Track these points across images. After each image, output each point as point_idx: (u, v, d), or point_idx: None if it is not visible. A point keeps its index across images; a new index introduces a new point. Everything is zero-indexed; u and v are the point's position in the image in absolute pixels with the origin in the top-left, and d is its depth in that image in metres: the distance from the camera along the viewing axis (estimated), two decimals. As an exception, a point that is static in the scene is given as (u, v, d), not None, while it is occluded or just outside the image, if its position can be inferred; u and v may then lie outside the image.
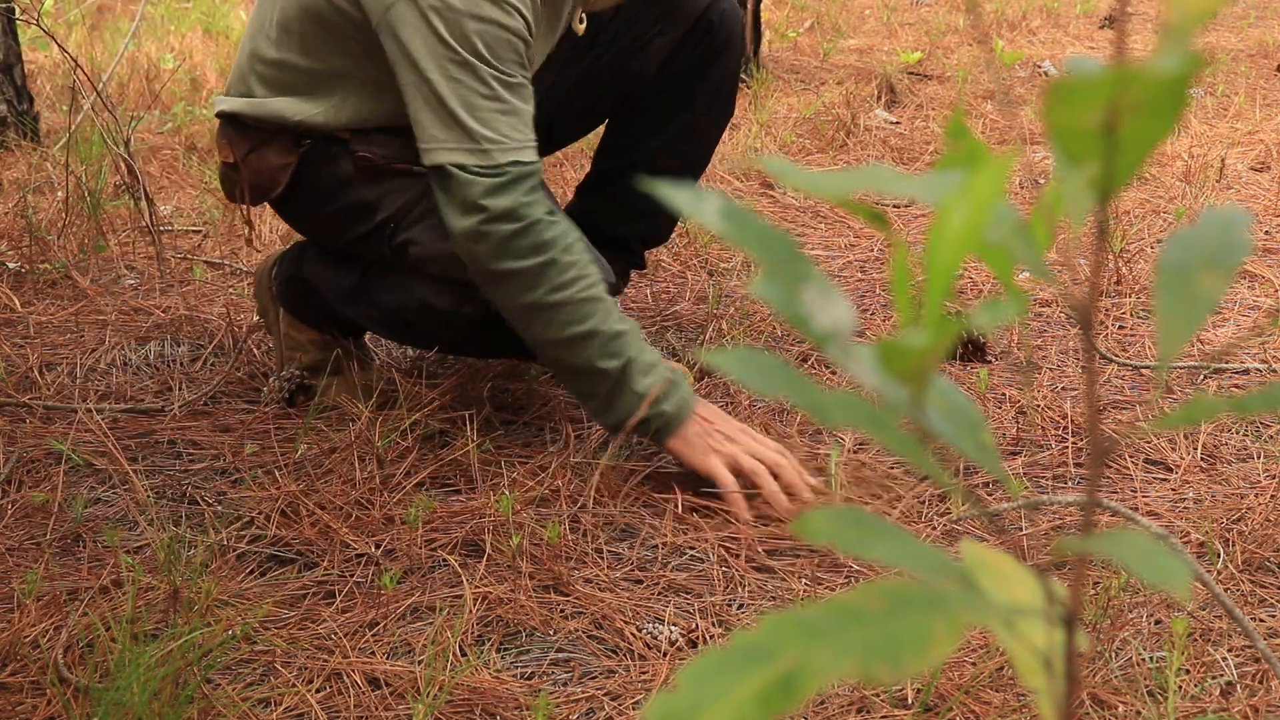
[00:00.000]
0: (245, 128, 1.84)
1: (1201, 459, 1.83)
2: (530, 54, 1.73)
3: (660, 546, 1.61)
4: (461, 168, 1.64)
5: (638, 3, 2.00)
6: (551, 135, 2.14)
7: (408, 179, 1.79)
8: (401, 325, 1.90)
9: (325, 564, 1.58)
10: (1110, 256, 2.55)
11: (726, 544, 1.61)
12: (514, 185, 1.64)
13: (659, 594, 1.52)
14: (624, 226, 2.12)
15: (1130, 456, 1.84)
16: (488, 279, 1.68)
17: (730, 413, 1.84)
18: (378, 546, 1.60)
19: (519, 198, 1.64)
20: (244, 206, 1.96)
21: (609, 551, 1.61)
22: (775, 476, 1.66)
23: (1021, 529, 1.66)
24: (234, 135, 1.85)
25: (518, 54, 1.67)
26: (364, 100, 1.79)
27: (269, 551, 1.60)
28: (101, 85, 2.93)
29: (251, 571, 1.56)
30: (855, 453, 1.83)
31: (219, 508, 1.69)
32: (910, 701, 1.32)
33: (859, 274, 2.62)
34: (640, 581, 1.55)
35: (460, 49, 1.62)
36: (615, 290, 2.14)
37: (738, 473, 1.66)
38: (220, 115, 1.87)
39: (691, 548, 1.61)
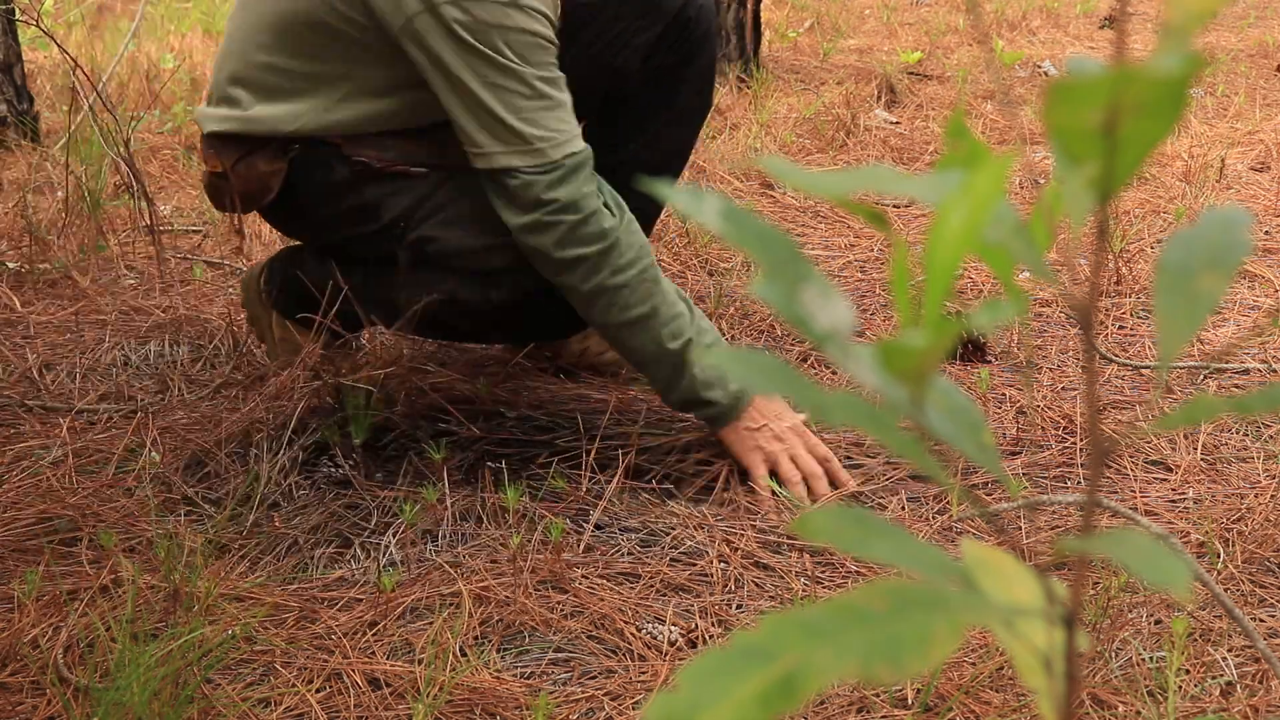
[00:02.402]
0: (233, 137, 1.84)
1: (1201, 459, 1.83)
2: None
3: (662, 545, 1.61)
4: (516, 170, 1.69)
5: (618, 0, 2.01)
6: None
7: (406, 180, 1.81)
8: (418, 319, 1.92)
9: (325, 562, 1.58)
10: (1110, 256, 2.55)
11: (728, 539, 1.61)
12: (572, 176, 1.70)
13: (659, 594, 1.52)
14: None
15: (1130, 456, 1.84)
16: (553, 267, 1.74)
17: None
18: (375, 544, 1.60)
19: (580, 188, 1.70)
20: (234, 215, 1.96)
21: (609, 551, 1.61)
22: (810, 488, 1.74)
23: (1021, 529, 1.66)
24: (219, 145, 1.84)
25: (548, 53, 1.72)
26: (361, 102, 1.79)
27: (268, 550, 1.60)
28: (101, 85, 2.93)
29: (251, 571, 1.56)
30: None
31: (217, 507, 1.69)
32: (910, 701, 1.32)
33: (859, 274, 2.62)
34: (640, 580, 1.55)
35: (496, 56, 1.66)
36: None
37: (775, 474, 1.74)
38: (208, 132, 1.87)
39: (692, 545, 1.61)
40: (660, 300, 1.74)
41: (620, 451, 1.79)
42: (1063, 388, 2.07)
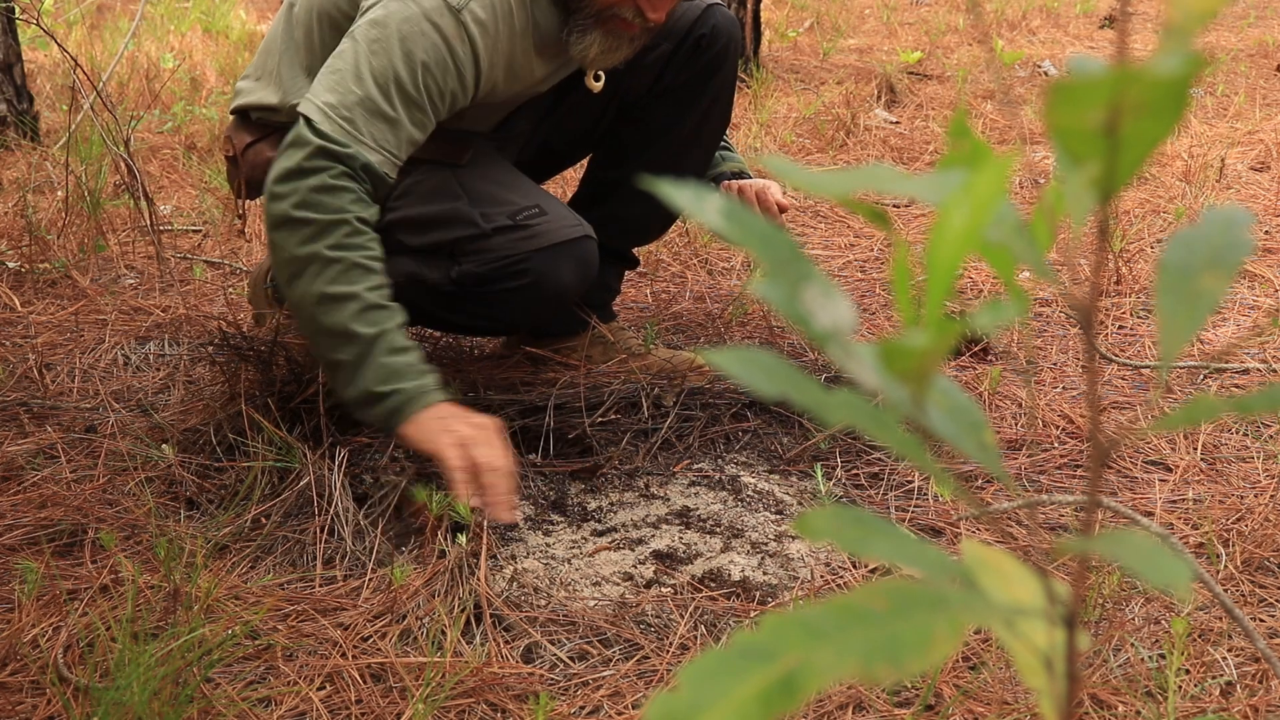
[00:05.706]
0: (250, 124, 1.90)
1: (1201, 459, 1.83)
2: (495, 90, 1.78)
3: (662, 545, 1.61)
4: (312, 121, 1.64)
5: None
6: (552, 159, 2.14)
7: None
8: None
9: (325, 562, 1.58)
10: (1110, 256, 2.55)
11: (727, 539, 1.61)
12: (349, 162, 1.64)
13: (658, 593, 1.52)
14: (619, 240, 2.11)
15: (1130, 457, 1.84)
16: (280, 222, 1.64)
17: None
18: (376, 544, 1.60)
19: (345, 169, 1.64)
20: (242, 200, 2.03)
21: (609, 550, 1.61)
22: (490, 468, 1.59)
23: (1022, 529, 1.66)
24: (236, 129, 1.93)
25: (439, 88, 1.69)
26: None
27: (268, 550, 1.60)
28: (101, 85, 2.93)
29: (251, 571, 1.56)
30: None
31: (218, 507, 1.69)
32: (910, 701, 1.32)
33: (859, 274, 2.62)
34: (639, 579, 1.55)
35: (394, 47, 1.66)
36: (612, 294, 2.15)
37: (465, 455, 1.59)
38: (238, 109, 1.93)
39: (693, 545, 1.61)
40: (367, 288, 1.63)
41: (619, 450, 1.79)
42: (1063, 388, 2.07)
